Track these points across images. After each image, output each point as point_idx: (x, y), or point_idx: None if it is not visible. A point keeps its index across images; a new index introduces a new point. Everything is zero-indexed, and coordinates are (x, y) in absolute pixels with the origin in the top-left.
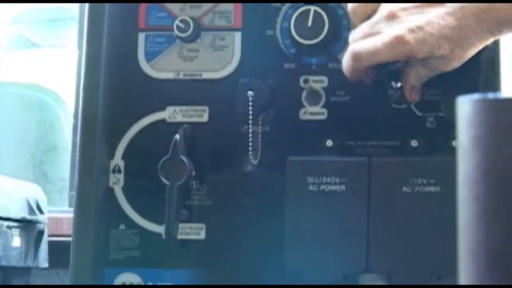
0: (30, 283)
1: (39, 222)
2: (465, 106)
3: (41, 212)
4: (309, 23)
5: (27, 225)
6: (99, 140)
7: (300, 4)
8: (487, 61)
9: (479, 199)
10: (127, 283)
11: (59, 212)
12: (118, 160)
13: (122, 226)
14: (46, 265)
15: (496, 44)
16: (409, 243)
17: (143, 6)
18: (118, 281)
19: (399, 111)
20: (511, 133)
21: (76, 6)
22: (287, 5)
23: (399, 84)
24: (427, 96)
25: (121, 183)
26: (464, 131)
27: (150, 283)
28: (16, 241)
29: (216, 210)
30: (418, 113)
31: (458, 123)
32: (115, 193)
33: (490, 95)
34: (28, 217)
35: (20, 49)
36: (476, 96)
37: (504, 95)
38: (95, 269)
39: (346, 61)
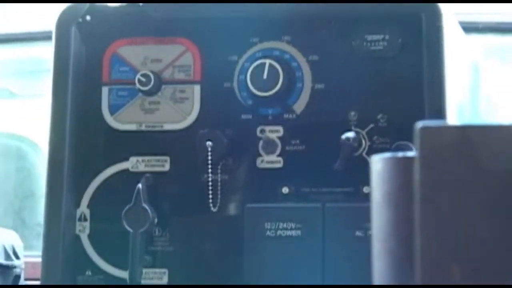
0: None
1: (15, 267)
2: (377, 163)
3: (17, 257)
4: (265, 76)
5: (3, 270)
6: (66, 189)
7: (256, 57)
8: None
9: (390, 253)
10: None
11: (36, 257)
12: (84, 208)
13: (88, 272)
14: None
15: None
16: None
17: (106, 60)
18: None
19: (351, 159)
20: (420, 189)
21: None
22: (244, 58)
23: (353, 134)
24: (378, 144)
25: (87, 230)
26: (377, 188)
27: None
28: None
29: (178, 255)
30: (369, 160)
31: (372, 179)
32: (81, 240)
33: (400, 154)
34: (4, 262)
35: None
36: (387, 154)
37: (412, 153)
38: None
39: None
